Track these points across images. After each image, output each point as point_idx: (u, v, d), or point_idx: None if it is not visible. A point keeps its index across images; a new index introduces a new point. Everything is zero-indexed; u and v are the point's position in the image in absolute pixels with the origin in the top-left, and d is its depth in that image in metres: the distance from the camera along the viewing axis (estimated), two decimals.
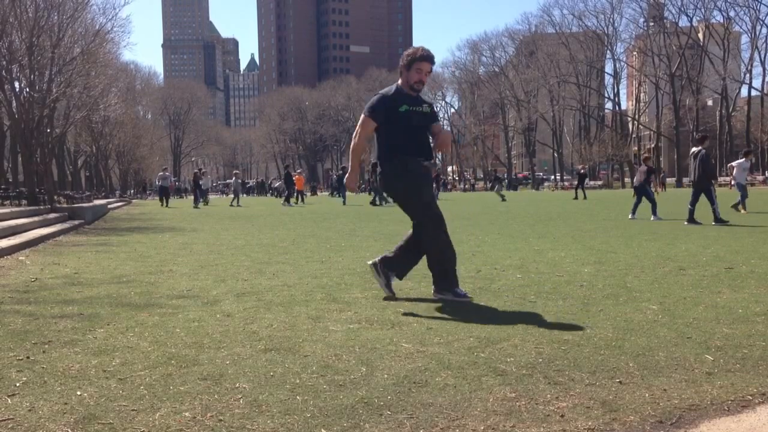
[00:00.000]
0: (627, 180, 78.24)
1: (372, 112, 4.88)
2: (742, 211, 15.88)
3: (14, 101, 21.05)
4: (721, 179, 52.61)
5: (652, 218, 14.18)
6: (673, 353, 3.33)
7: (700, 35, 76.60)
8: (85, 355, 3.45)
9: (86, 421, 2.49)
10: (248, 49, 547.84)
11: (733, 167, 18.16)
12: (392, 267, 5.00)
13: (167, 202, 31.34)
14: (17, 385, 2.94)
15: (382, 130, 4.89)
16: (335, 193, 31.57)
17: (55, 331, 3.99)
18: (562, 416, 2.51)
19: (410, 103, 4.86)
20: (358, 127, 4.97)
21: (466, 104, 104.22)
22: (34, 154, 22.15)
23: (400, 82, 4.99)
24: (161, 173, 34.16)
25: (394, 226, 13.23)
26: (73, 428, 2.43)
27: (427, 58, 4.91)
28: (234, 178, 33.79)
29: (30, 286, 5.92)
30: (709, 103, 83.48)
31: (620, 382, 2.89)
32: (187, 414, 2.56)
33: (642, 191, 15.25)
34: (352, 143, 5.05)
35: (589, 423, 2.44)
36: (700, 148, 13.08)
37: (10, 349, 3.57)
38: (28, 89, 21.22)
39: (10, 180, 33.83)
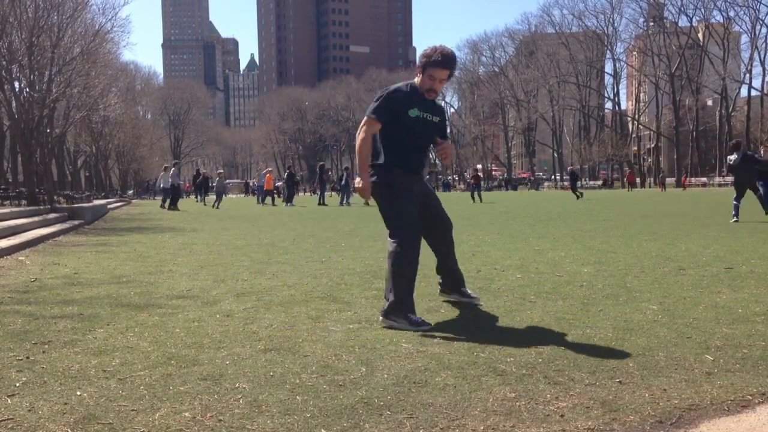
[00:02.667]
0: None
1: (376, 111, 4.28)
2: None
3: (14, 101, 21.04)
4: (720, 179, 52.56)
5: None
6: (673, 353, 3.33)
7: (700, 35, 76.63)
8: (85, 355, 3.45)
9: (86, 421, 2.49)
10: (248, 49, 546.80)
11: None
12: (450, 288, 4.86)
13: (176, 204, 26.27)
14: (17, 385, 2.94)
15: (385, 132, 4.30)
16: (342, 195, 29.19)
17: (55, 331, 3.99)
18: (562, 416, 2.51)
19: (422, 108, 4.32)
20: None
21: (465, 104, 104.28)
22: (34, 154, 22.16)
23: (417, 80, 4.36)
24: (174, 169, 28.25)
25: None
26: (73, 428, 2.43)
27: (442, 63, 4.22)
28: (218, 178, 31.34)
29: (30, 286, 5.92)
30: (709, 103, 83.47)
31: (620, 382, 2.89)
32: (186, 414, 2.56)
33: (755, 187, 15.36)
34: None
35: (589, 423, 2.44)
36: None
37: (10, 349, 3.57)
38: (27, 89, 21.22)
39: (10, 180, 33.83)
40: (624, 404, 2.63)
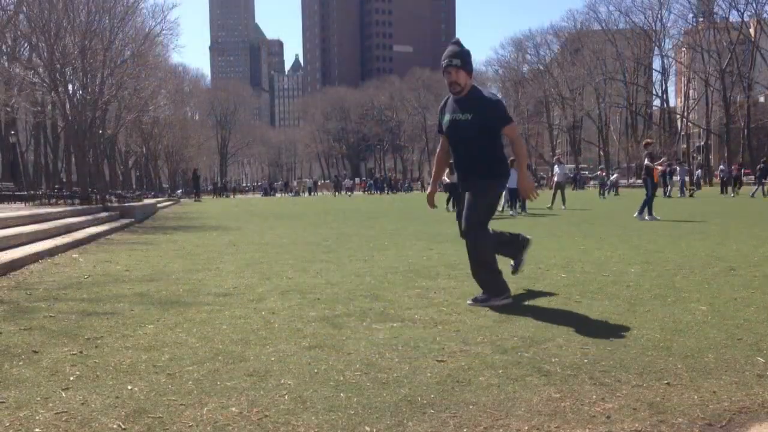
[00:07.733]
0: (676, 178, 76.29)
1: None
2: None
3: (68, 103, 21.64)
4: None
5: None
6: (723, 355, 3.26)
7: (752, 30, 74.49)
8: (136, 350, 3.53)
9: (136, 415, 2.56)
10: (293, 50, 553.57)
11: None
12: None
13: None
14: (71, 379, 3.03)
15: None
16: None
17: (107, 327, 4.10)
18: (608, 417, 2.48)
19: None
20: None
21: (509, 102, 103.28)
22: (87, 154, 22.75)
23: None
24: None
25: (438, 226, 13.21)
26: (124, 422, 2.50)
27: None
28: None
29: (83, 283, 6.09)
30: (761, 99, 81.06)
31: (668, 383, 2.85)
32: (233, 409, 2.61)
33: None
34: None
35: (636, 425, 2.41)
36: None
37: (65, 344, 3.68)
38: (80, 91, 21.81)
39: (64, 180, 34.82)
40: (672, 406, 2.58)
